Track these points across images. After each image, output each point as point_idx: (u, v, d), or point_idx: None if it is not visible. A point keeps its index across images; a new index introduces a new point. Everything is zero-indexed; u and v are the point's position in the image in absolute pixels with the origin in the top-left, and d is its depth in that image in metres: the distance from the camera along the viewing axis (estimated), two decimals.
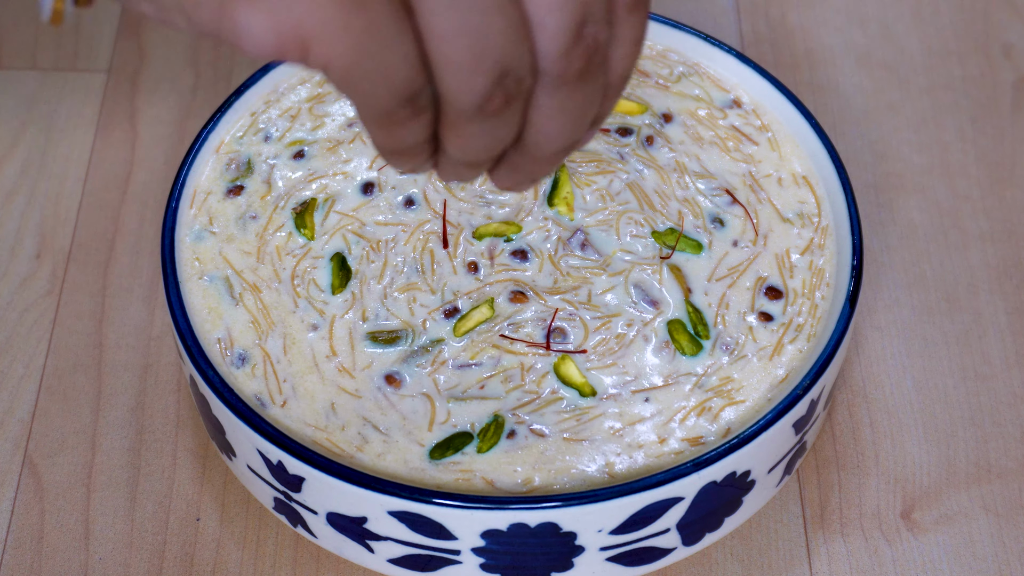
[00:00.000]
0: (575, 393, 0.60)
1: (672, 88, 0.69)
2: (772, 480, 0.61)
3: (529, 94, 0.43)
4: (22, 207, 0.75)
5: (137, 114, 0.79)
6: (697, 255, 0.64)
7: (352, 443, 0.59)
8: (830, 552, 0.63)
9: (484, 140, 0.43)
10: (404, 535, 0.57)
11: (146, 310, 0.71)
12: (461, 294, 0.62)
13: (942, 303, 0.72)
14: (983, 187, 0.76)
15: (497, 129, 0.43)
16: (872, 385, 0.69)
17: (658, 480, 0.56)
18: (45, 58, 0.81)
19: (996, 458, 0.67)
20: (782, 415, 0.57)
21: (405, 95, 0.41)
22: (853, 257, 0.62)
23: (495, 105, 0.42)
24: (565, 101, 0.43)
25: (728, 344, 0.61)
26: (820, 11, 0.84)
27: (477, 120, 0.42)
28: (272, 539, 0.64)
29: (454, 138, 0.43)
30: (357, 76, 0.41)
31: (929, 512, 0.65)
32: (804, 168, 0.67)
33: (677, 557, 0.60)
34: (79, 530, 0.64)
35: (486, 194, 0.65)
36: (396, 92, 0.41)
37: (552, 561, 0.58)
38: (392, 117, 0.42)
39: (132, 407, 0.68)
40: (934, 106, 0.80)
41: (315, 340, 0.61)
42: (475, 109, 0.42)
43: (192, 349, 0.59)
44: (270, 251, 0.64)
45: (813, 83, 0.80)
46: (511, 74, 0.41)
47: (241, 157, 0.67)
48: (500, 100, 0.42)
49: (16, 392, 0.68)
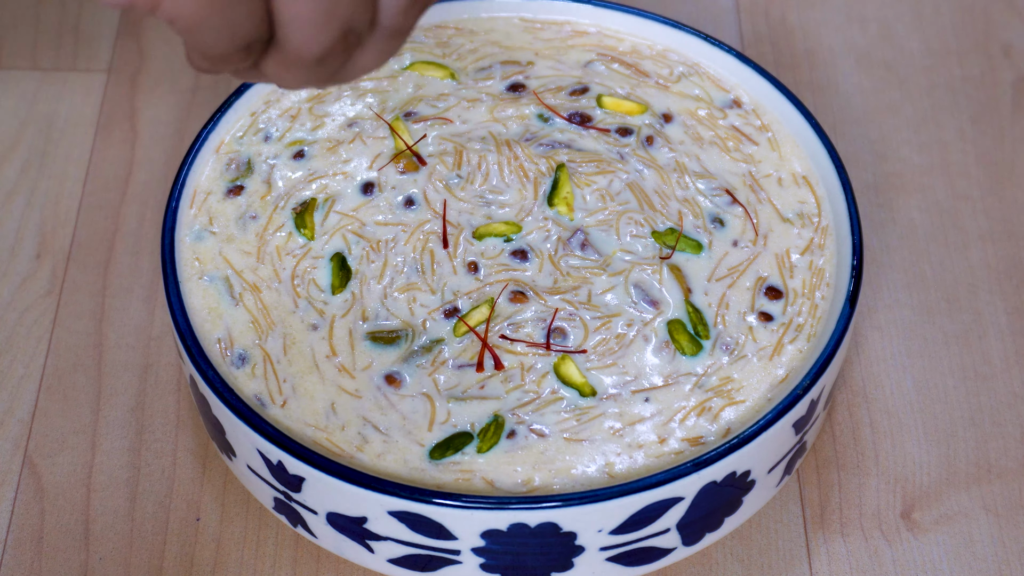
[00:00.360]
0: (575, 393, 0.60)
1: (672, 88, 0.69)
2: (772, 480, 0.61)
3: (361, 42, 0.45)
4: (22, 207, 0.75)
5: (137, 114, 0.79)
6: (697, 255, 0.64)
7: (352, 443, 0.59)
8: (830, 552, 0.63)
9: (312, 76, 0.45)
10: (404, 535, 0.57)
11: (146, 310, 0.71)
12: (461, 294, 0.62)
13: (942, 303, 0.72)
14: (983, 187, 0.76)
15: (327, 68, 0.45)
16: (872, 385, 0.69)
17: (658, 480, 0.56)
18: (45, 58, 0.81)
19: (996, 458, 0.67)
20: (782, 415, 0.57)
21: (243, 44, 0.43)
22: (853, 257, 0.62)
23: (335, 55, 0.44)
24: (390, 47, 0.46)
25: (728, 344, 0.61)
26: (820, 11, 0.84)
27: (312, 66, 0.44)
28: (272, 539, 0.64)
29: (283, 73, 0.45)
30: (202, 29, 0.42)
31: (929, 512, 0.65)
32: (804, 168, 0.67)
33: (677, 557, 0.60)
34: (79, 530, 0.64)
35: (486, 194, 0.65)
36: (236, 43, 0.43)
37: (552, 561, 0.58)
38: (224, 59, 0.44)
39: (132, 407, 0.68)
40: (934, 106, 0.80)
41: (315, 340, 0.61)
42: (314, 60, 0.44)
43: (192, 349, 0.59)
44: (270, 251, 0.64)
45: (813, 83, 0.80)
46: (353, 31, 0.44)
47: (241, 157, 0.67)
48: (340, 50, 0.44)
49: (16, 392, 0.68)
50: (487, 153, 0.66)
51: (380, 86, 0.69)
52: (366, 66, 0.46)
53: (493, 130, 0.67)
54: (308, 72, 0.45)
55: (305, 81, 0.46)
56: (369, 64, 0.46)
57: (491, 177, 0.66)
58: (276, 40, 0.44)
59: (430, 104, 0.69)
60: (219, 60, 0.44)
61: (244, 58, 0.44)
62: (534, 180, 0.66)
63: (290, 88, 0.47)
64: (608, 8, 0.71)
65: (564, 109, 0.68)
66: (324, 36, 0.43)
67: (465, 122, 0.68)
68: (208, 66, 0.44)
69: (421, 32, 0.71)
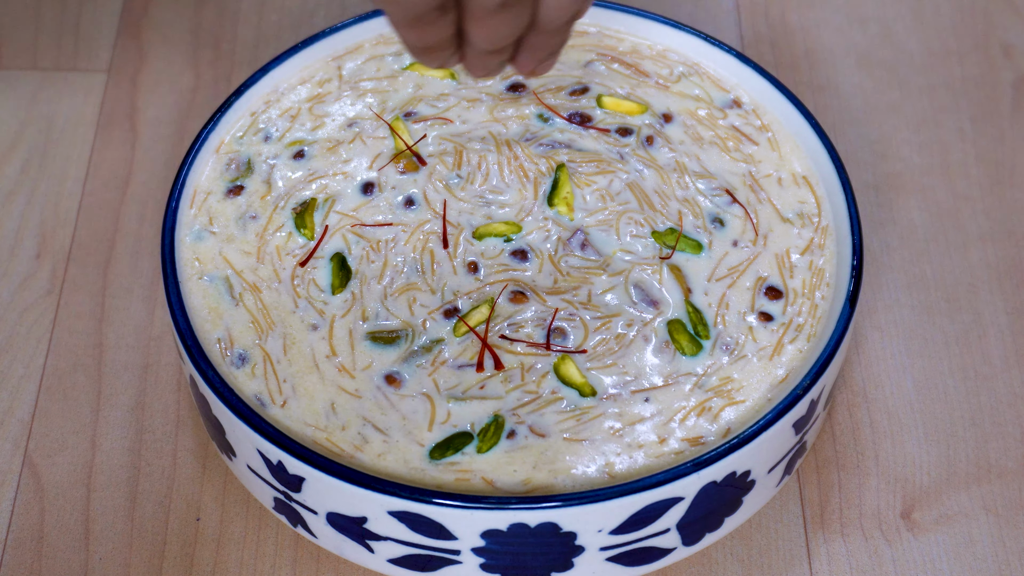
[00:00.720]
0: (575, 393, 0.60)
1: (672, 88, 0.69)
2: (772, 480, 0.61)
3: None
4: (22, 207, 0.75)
5: (137, 114, 0.79)
6: (697, 255, 0.64)
7: (352, 443, 0.59)
8: (830, 552, 0.63)
9: (506, 28, 0.49)
10: (404, 535, 0.57)
11: (146, 310, 0.71)
12: (461, 294, 0.62)
13: (942, 303, 0.72)
14: (983, 187, 0.76)
15: (516, 17, 0.49)
16: (872, 385, 0.69)
17: (658, 480, 0.56)
18: (45, 58, 0.81)
19: (996, 458, 0.67)
20: (782, 415, 0.57)
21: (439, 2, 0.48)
22: (853, 257, 0.62)
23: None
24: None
25: (728, 344, 0.61)
26: (820, 11, 0.84)
27: (499, 12, 0.48)
28: (272, 539, 0.64)
29: (479, 30, 0.49)
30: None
31: (929, 512, 0.65)
32: (804, 168, 0.67)
33: (677, 557, 0.60)
34: (79, 530, 0.64)
35: (486, 194, 0.65)
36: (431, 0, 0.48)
37: (552, 561, 0.58)
38: (423, 19, 0.48)
39: (132, 407, 0.68)
40: (934, 106, 0.80)
41: (315, 340, 0.61)
42: (499, 5, 0.48)
43: (192, 349, 0.59)
44: (270, 251, 0.64)
45: (813, 83, 0.80)
46: None
47: (241, 157, 0.67)
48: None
49: (16, 392, 0.68)
50: (487, 153, 0.66)
51: (380, 86, 0.69)
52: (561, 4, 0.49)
53: (493, 130, 0.67)
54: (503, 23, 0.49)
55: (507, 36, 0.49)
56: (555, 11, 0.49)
57: (491, 177, 0.66)
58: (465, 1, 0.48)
59: (430, 104, 0.69)
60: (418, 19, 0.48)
61: (440, 16, 0.48)
62: (534, 180, 0.66)
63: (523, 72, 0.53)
64: (608, 8, 0.71)
65: (564, 109, 0.68)
66: None
67: (465, 122, 0.68)
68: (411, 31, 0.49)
69: None
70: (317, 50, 0.70)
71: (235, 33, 0.82)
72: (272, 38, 0.82)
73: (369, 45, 0.71)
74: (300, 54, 0.69)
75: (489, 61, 0.52)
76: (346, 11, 0.83)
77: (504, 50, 0.51)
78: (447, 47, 0.51)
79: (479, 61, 0.52)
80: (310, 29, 0.82)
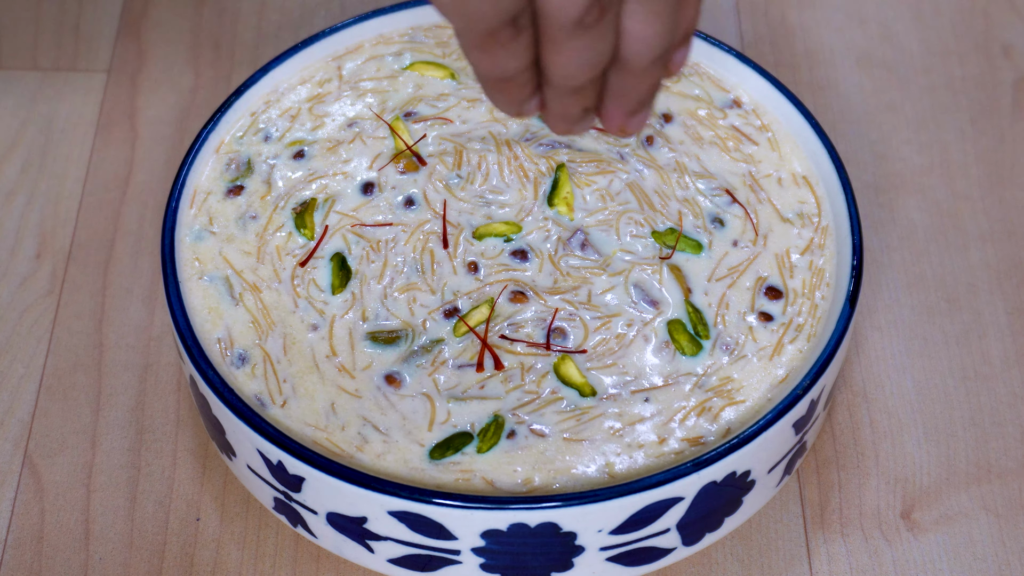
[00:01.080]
0: (575, 393, 0.60)
1: (672, 88, 0.69)
2: (772, 480, 0.61)
3: (620, 4, 0.45)
4: (22, 207, 0.75)
5: (137, 114, 0.79)
6: (697, 255, 0.64)
7: (352, 443, 0.59)
8: (830, 552, 0.63)
9: (584, 55, 0.45)
10: (404, 535, 0.57)
11: (146, 310, 0.71)
12: (461, 294, 0.62)
13: (942, 303, 0.72)
14: (983, 187, 0.76)
15: (595, 42, 0.45)
16: (872, 385, 0.69)
17: (658, 480, 0.56)
18: (45, 58, 0.81)
19: (996, 458, 0.67)
20: (782, 415, 0.57)
21: (511, 13, 0.44)
22: (853, 257, 0.62)
23: (593, 16, 0.44)
24: (655, 5, 0.45)
25: (728, 344, 0.61)
26: (820, 11, 0.84)
27: (577, 34, 0.44)
28: (272, 539, 0.64)
29: (555, 56, 0.45)
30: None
31: (929, 512, 0.65)
32: (804, 168, 0.67)
33: (677, 557, 0.60)
34: (79, 530, 0.64)
35: (486, 194, 0.65)
36: (502, 11, 0.43)
37: (552, 561, 0.58)
38: (495, 38, 0.44)
39: (132, 407, 0.68)
40: (934, 106, 0.80)
41: (315, 340, 0.61)
42: (575, 23, 0.44)
43: (192, 349, 0.59)
44: (270, 251, 0.64)
45: (813, 83, 0.80)
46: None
47: (241, 157, 0.67)
48: (597, 11, 0.44)
49: (16, 392, 0.68)
50: (487, 153, 0.66)
51: (380, 86, 0.69)
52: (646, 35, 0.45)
53: (493, 130, 0.67)
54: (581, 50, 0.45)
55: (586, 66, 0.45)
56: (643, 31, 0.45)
57: (491, 177, 0.66)
58: (539, 13, 0.44)
59: (430, 104, 0.69)
60: (490, 38, 0.44)
61: (514, 35, 0.44)
62: (534, 180, 0.66)
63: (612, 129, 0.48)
64: None
65: None
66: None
67: (465, 122, 0.68)
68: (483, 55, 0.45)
69: (421, 32, 0.71)
70: (317, 50, 0.70)
71: (235, 33, 0.82)
72: (272, 38, 0.82)
73: (369, 45, 0.71)
74: (300, 54, 0.69)
75: (571, 106, 0.47)
76: (346, 11, 0.83)
77: (587, 92, 0.47)
78: (524, 83, 0.46)
79: (560, 106, 0.47)
80: (310, 29, 0.82)
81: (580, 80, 0.46)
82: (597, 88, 0.47)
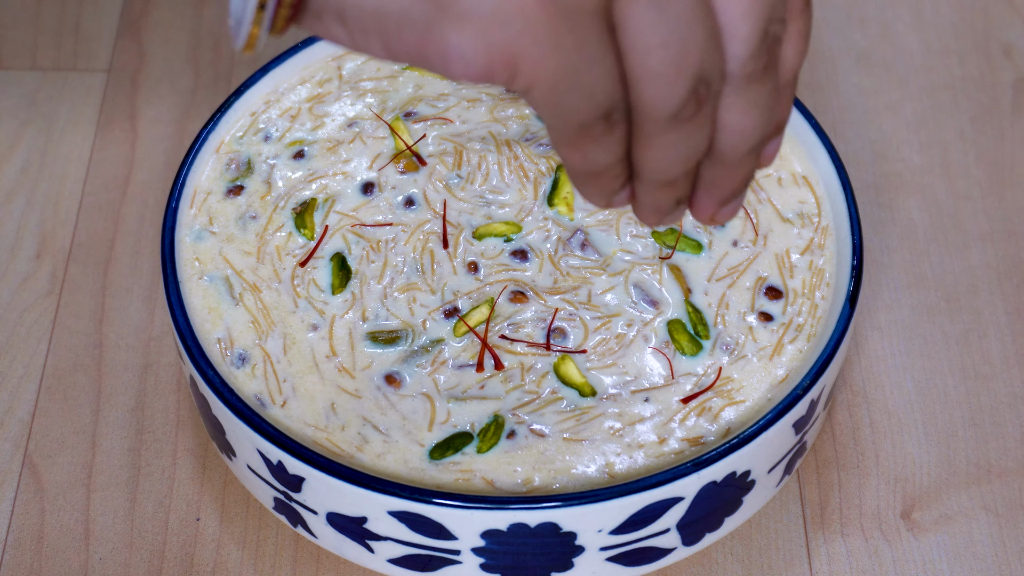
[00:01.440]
0: (575, 393, 0.60)
1: None
2: (772, 480, 0.61)
3: (717, 97, 0.43)
4: (22, 207, 0.75)
5: (137, 114, 0.79)
6: (697, 255, 0.64)
7: (352, 443, 0.59)
8: (830, 552, 0.63)
9: (679, 149, 0.44)
10: (404, 535, 0.57)
11: (146, 310, 0.71)
12: (461, 294, 0.62)
13: (942, 303, 0.72)
14: (983, 187, 0.76)
15: (691, 136, 0.43)
16: (872, 385, 0.69)
17: (658, 480, 0.56)
18: (45, 58, 0.81)
19: (996, 458, 0.67)
20: (782, 415, 0.57)
21: (604, 109, 0.42)
22: (853, 257, 0.62)
23: (689, 111, 0.42)
24: (753, 96, 0.44)
25: (728, 344, 0.61)
26: (820, 11, 0.84)
27: (672, 128, 0.43)
28: (272, 539, 0.64)
29: (649, 150, 0.44)
30: (562, 92, 0.41)
31: (929, 512, 0.65)
32: (804, 168, 0.67)
33: (677, 557, 0.60)
34: (79, 530, 0.64)
35: (486, 194, 0.65)
36: (596, 107, 0.42)
37: (552, 561, 0.58)
38: (588, 133, 0.43)
39: (132, 407, 0.68)
40: (934, 106, 0.80)
41: (315, 340, 0.61)
42: (670, 117, 0.42)
43: (192, 349, 0.59)
44: (270, 251, 0.64)
45: (813, 83, 0.80)
46: (704, 80, 0.42)
47: (241, 157, 0.67)
48: (694, 106, 0.42)
49: (16, 392, 0.68)
50: (487, 153, 0.66)
51: (380, 86, 0.69)
52: (743, 128, 0.44)
53: (493, 130, 0.67)
54: (675, 144, 0.43)
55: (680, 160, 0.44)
56: (740, 124, 0.44)
57: (491, 177, 0.66)
58: (633, 107, 0.43)
59: (430, 104, 0.69)
60: (582, 134, 0.43)
61: (607, 130, 0.43)
62: (534, 180, 0.66)
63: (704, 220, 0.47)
64: None
65: None
66: (678, 88, 0.42)
67: (465, 122, 0.68)
68: (574, 150, 0.44)
69: None
70: (317, 50, 0.70)
71: None
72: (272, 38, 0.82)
73: None
74: (300, 54, 0.69)
75: (663, 199, 0.46)
76: None
77: (678, 185, 0.45)
78: (615, 176, 0.45)
79: (651, 198, 0.46)
80: None
81: (674, 174, 0.45)
82: (690, 180, 0.46)
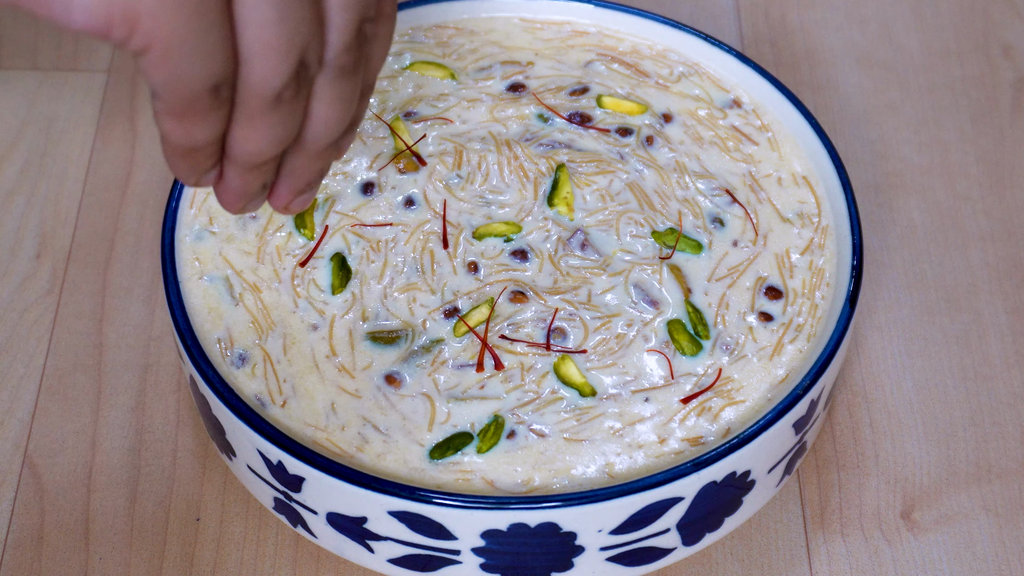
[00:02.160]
0: (575, 393, 0.60)
1: (672, 88, 0.69)
2: (772, 480, 0.61)
3: (311, 85, 0.45)
4: (22, 207, 0.75)
5: (137, 114, 0.79)
6: (697, 255, 0.64)
7: (352, 443, 0.59)
8: (830, 552, 0.63)
9: (275, 131, 0.45)
10: (404, 535, 0.57)
11: (146, 310, 0.71)
12: (461, 294, 0.62)
13: (942, 303, 0.72)
14: (983, 187, 0.76)
15: (286, 120, 0.45)
16: (872, 385, 0.69)
17: (658, 480, 0.56)
18: (45, 58, 0.81)
19: (996, 458, 0.67)
20: (782, 415, 0.57)
21: (216, 79, 0.43)
22: (853, 257, 0.62)
23: (290, 92, 0.44)
24: (341, 90, 0.46)
25: (728, 344, 0.61)
26: (820, 11, 0.84)
27: (272, 109, 0.44)
28: (272, 539, 0.64)
29: (248, 130, 0.45)
30: (178, 56, 0.42)
31: (929, 512, 0.65)
32: (804, 168, 0.67)
33: (677, 557, 0.60)
34: (79, 530, 0.64)
35: (486, 194, 0.65)
36: (209, 76, 0.43)
37: (552, 561, 0.58)
38: (195, 106, 0.43)
39: (132, 407, 0.68)
40: (934, 106, 0.80)
41: (315, 340, 0.61)
42: (274, 97, 0.44)
43: (192, 349, 0.59)
44: (270, 251, 0.64)
45: (813, 83, 0.80)
46: (306, 63, 0.44)
47: None
48: (295, 87, 0.44)
49: (16, 392, 0.68)
50: (487, 153, 0.66)
51: (380, 86, 0.69)
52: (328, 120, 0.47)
53: (493, 130, 0.67)
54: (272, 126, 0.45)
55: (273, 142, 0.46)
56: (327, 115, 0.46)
57: (491, 177, 0.66)
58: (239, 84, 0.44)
59: (430, 104, 0.69)
60: (189, 105, 0.43)
61: (214, 104, 0.44)
62: (534, 180, 0.66)
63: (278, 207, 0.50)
64: (608, 8, 0.71)
65: (564, 109, 0.68)
66: (285, 64, 0.43)
67: (465, 122, 0.68)
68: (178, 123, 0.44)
69: (421, 32, 0.71)
70: None
71: None
72: None
73: None
74: None
75: (251, 182, 0.48)
76: None
77: (266, 169, 0.47)
78: (209, 155, 0.46)
79: (241, 180, 0.47)
80: None
81: (266, 156, 0.46)
82: (275, 166, 0.48)
